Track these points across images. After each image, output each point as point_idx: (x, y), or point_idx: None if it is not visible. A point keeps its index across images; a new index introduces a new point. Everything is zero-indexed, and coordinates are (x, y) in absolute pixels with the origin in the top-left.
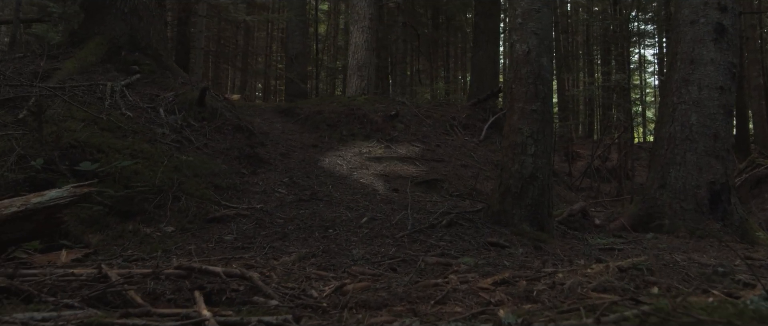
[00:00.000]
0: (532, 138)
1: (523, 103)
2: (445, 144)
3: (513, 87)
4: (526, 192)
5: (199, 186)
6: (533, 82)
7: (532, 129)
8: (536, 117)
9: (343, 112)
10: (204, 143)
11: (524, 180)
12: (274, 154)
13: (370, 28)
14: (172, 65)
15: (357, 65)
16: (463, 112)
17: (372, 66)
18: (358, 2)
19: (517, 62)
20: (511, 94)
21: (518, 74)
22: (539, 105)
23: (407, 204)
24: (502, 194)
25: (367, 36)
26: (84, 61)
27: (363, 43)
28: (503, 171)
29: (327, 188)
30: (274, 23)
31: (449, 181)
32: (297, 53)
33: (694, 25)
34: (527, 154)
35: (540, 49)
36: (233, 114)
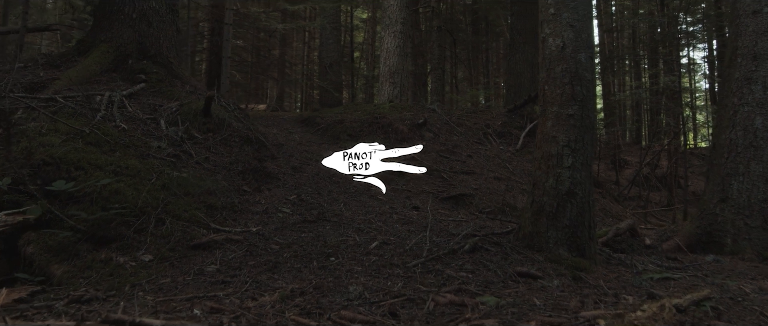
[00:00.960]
0: (568, 147)
1: (558, 106)
2: (477, 154)
3: (546, 88)
4: (563, 211)
5: (188, 206)
6: (569, 81)
7: (568, 137)
8: (573, 123)
9: (365, 121)
10: (205, 157)
11: (560, 198)
12: (285, 168)
13: (403, 33)
14: (182, 74)
15: (389, 72)
16: (498, 119)
17: (405, 72)
18: (389, 6)
19: (550, 59)
20: (544, 97)
21: (551, 73)
22: (577, 108)
23: (427, 225)
24: (534, 213)
25: (399, 41)
26: (87, 70)
27: (395, 49)
28: (536, 187)
29: (338, 206)
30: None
31: (479, 196)
32: (331, 62)
33: (756, 16)
34: (563, 167)
35: (577, 44)
36: (244, 125)
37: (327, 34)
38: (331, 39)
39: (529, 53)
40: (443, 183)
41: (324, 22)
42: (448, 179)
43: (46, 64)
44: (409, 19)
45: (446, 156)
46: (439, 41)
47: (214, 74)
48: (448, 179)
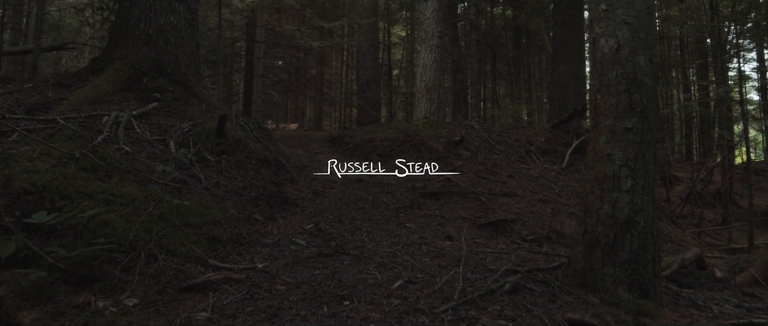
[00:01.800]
0: (626, 167)
1: (613, 119)
2: (519, 174)
3: (598, 98)
4: (622, 243)
5: (187, 239)
6: (626, 89)
7: (626, 155)
8: (632, 138)
9: (397, 140)
10: (215, 182)
11: (618, 228)
12: (305, 193)
13: (439, 47)
14: (201, 92)
15: (425, 87)
16: (542, 135)
17: (442, 88)
18: (425, 19)
19: (603, 63)
20: (596, 108)
21: (604, 80)
22: (636, 121)
23: (461, 259)
24: (587, 246)
25: (435, 55)
26: (98, 89)
27: (431, 64)
28: (588, 215)
29: (360, 236)
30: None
31: (522, 221)
32: (368, 79)
33: None
34: (621, 191)
35: (634, 44)
36: (263, 145)
37: (364, 52)
38: (368, 56)
39: (574, 64)
40: (481, 207)
41: (361, 39)
42: (486, 202)
43: (57, 84)
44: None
45: (485, 176)
46: (478, 55)
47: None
48: (487, 202)
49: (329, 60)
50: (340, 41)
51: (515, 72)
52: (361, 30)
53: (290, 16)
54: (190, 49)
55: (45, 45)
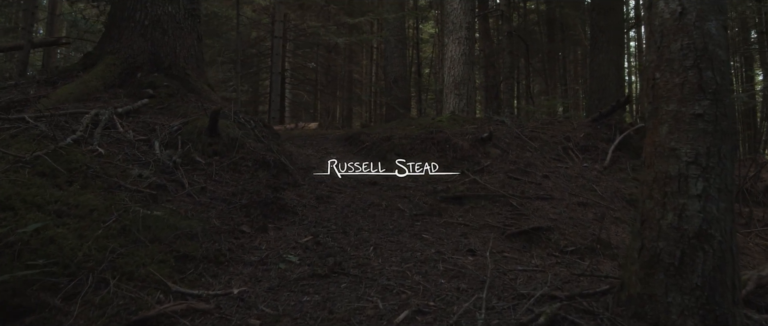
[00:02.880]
0: (696, 165)
1: (678, 103)
2: (556, 174)
3: (657, 77)
4: (692, 263)
5: (150, 258)
6: (694, 64)
7: (696, 149)
8: (703, 127)
9: (418, 138)
10: (201, 187)
11: (687, 243)
12: (308, 199)
13: (468, 40)
14: (201, 88)
15: (454, 82)
16: (580, 130)
17: (471, 83)
18: (452, 10)
19: (663, 33)
20: (655, 90)
21: (665, 54)
22: (708, 105)
23: (484, 280)
24: (646, 266)
25: (464, 48)
26: (85, 85)
27: (460, 57)
28: (646, 226)
29: (365, 251)
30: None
31: (559, 229)
32: (396, 76)
33: None
34: (690, 195)
35: (703, 7)
36: (264, 145)
37: (391, 48)
38: (396, 53)
39: (614, 53)
40: (512, 213)
41: (388, 35)
42: (518, 207)
43: (43, 81)
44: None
45: (517, 177)
46: (510, 49)
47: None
48: (519, 207)
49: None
50: (365, 37)
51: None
52: (388, 26)
53: (315, 13)
54: (191, 41)
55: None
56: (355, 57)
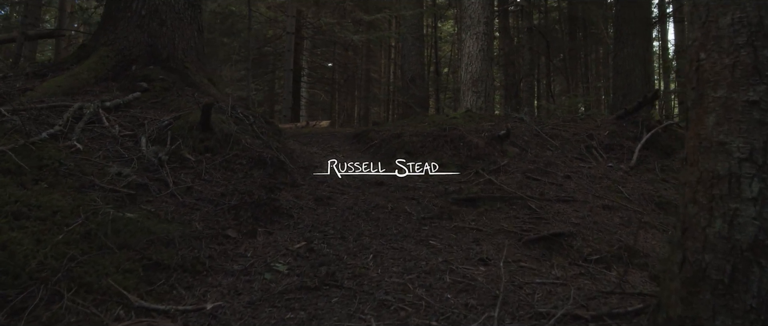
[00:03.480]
0: (751, 162)
1: (728, 88)
2: (578, 174)
3: (702, 58)
4: (745, 280)
5: (115, 267)
6: (748, 42)
7: (751, 143)
8: (760, 116)
9: (430, 135)
10: (187, 187)
11: (739, 256)
12: (306, 200)
13: (486, 35)
14: (200, 81)
15: (471, 79)
16: (604, 128)
17: (490, 80)
18: (470, 5)
19: (710, 5)
20: (699, 74)
21: (712, 30)
22: (765, 90)
23: (498, 295)
24: (688, 283)
25: (482, 44)
26: (76, 78)
27: (477, 53)
28: (689, 235)
29: (364, 260)
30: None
31: (583, 235)
32: (414, 75)
33: None
34: (743, 198)
35: None
36: (262, 141)
37: (408, 46)
38: (413, 50)
39: (640, 46)
40: (530, 217)
41: (405, 32)
42: (537, 210)
43: (33, 73)
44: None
45: (536, 177)
46: (530, 45)
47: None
48: (538, 210)
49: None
50: (382, 34)
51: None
52: (405, 23)
53: (330, 10)
54: (191, 33)
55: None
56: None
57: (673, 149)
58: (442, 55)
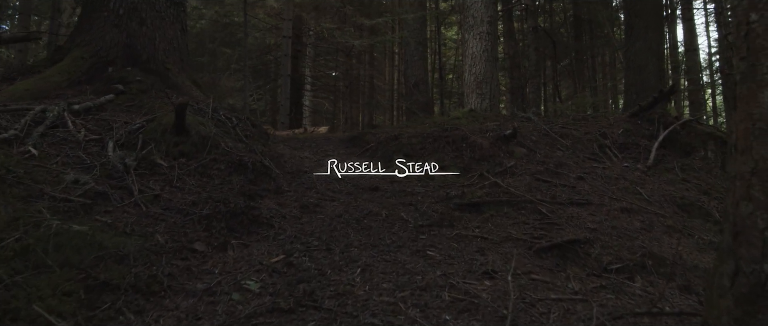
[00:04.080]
0: None
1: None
2: (592, 175)
3: (753, 19)
4: None
5: (50, 289)
6: None
7: None
8: None
9: (429, 136)
10: (154, 195)
11: None
12: (290, 208)
13: (490, 35)
14: (183, 83)
15: (475, 81)
16: (618, 126)
17: (495, 81)
18: (472, 4)
19: None
20: (749, 39)
21: None
22: None
23: (505, 316)
24: (743, 299)
25: (486, 44)
26: (46, 81)
27: (481, 53)
28: (742, 240)
29: (350, 275)
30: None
31: (601, 242)
32: (417, 80)
33: None
34: None
35: None
36: (246, 145)
37: (411, 50)
38: (416, 55)
39: (653, 40)
40: (541, 222)
41: (407, 36)
42: (548, 215)
43: (1, 77)
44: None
45: (546, 179)
46: (535, 44)
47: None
48: (549, 215)
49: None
50: (383, 39)
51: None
52: (408, 27)
53: (330, 15)
54: (173, 33)
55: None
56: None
57: (692, 147)
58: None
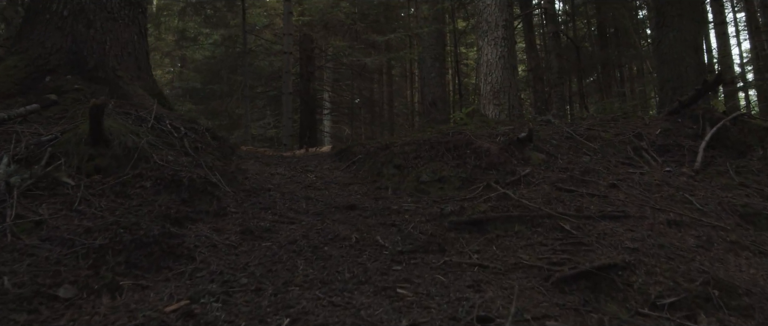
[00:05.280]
0: None
1: None
2: (627, 181)
3: None
4: None
5: None
6: None
7: None
8: None
9: (426, 143)
10: (37, 221)
11: None
12: (228, 234)
13: (506, 40)
14: (135, 92)
15: (492, 91)
16: (655, 125)
17: (514, 90)
18: (486, 7)
19: None
20: None
21: None
22: None
23: None
24: None
25: (502, 50)
26: None
27: (497, 60)
28: None
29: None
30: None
31: (645, 266)
32: (434, 98)
33: None
34: None
35: None
36: (191, 159)
37: (427, 67)
38: (433, 72)
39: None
40: (563, 243)
41: (423, 53)
42: (573, 232)
43: None
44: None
45: (570, 188)
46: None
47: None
48: (574, 232)
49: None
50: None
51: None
52: (423, 43)
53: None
54: (128, 36)
55: None
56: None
57: (747, 145)
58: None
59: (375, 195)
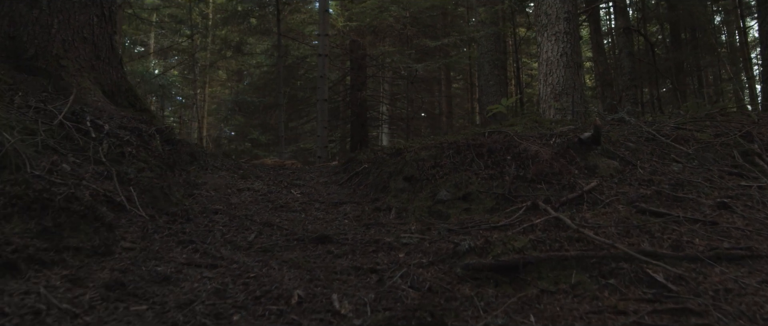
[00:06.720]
0: None
1: None
2: (742, 199)
3: None
4: None
5: None
6: None
7: None
8: None
9: (450, 147)
10: None
11: None
12: (86, 290)
13: (568, 34)
14: (80, 85)
15: (552, 93)
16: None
17: (578, 92)
18: None
19: None
20: None
21: None
22: None
23: None
24: None
25: (563, 46)
26: None
27: (558, 58)
28: None
29: None
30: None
31: None
32: None
33: None
34: None
35: None
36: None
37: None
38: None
39: None
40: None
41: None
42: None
43: None
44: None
45: (658, 209)
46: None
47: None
48: (673, 287)
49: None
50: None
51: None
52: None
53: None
54: (85, 18)
55: None
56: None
57: None
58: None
59: (369, 219)
